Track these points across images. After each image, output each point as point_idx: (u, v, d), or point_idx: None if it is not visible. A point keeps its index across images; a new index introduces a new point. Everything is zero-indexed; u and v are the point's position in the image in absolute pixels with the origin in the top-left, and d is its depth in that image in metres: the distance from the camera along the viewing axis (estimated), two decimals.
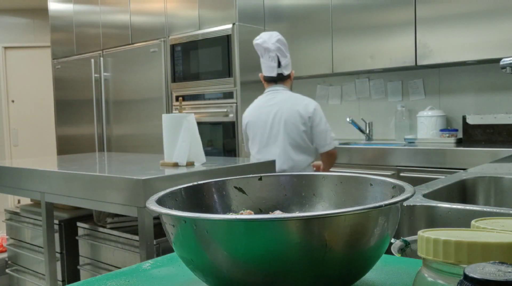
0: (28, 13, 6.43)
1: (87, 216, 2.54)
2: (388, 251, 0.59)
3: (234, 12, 3.59)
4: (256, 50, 2.58)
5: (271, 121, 2.49)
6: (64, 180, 2.14)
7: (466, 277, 0.30)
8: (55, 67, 5.19)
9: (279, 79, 2.55)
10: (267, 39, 2.51)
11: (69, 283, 2.28)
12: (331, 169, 2.70)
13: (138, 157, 2.90)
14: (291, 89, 2.66)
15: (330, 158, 2.57)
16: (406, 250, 0.61)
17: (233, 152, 3.62)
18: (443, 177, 1.53)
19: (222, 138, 3.72)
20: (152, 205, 0.55)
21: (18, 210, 2.86)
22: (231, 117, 3.60)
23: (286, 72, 2.55)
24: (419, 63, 3.07)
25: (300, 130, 2.44)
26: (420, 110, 3.32)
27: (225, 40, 3.62)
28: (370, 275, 0.60)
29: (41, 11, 6.12)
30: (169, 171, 2.02)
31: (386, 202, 0.50)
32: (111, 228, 2.28)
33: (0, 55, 6.33)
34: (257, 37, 2.57)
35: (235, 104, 3.59)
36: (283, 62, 2.52)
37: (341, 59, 3.45)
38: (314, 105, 2.48)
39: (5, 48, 6.38)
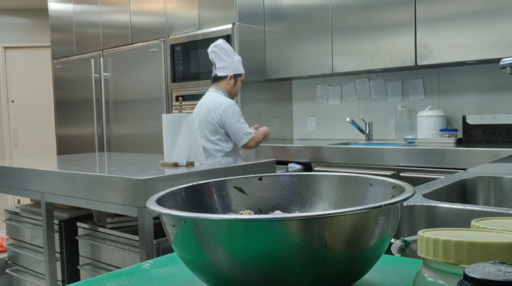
0: (28, 13, 6.43)
1: (87, 216, 2.54)
2: (388, 251, 0.59)
3: (234, 12, 3.59)
4: None
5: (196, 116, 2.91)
6: (64, 180, 2.14)
7: (466, 277, 0.30)
8: (55, 67, 5.19)
9: (215, 80, 2.95)
10: (210, 45, 2.93)
11: (69, 283, 2.28)
12: (331, 169, 2.73)
13: (138, 157, 2.90)
14: (229, 92, 2.95)
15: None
16: (406, 250, 0.61)
17: None
18: (443, 177, 1.53)
19: None
20: (152, 205, 0.55)
21: (18, 210, 2.86)
22: None
23: (219, 74, 2.91)
24: (419, 63, 3.07)
25: (210, 126, 2.83)
26: (420, 110, 3.32)
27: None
28: (370, 275, 0.60)
29: (41, 11, 6.12)
30: (169, 171, 2.02)
31: (386, 202, 0.50)
32: (111, 228, 2.28)
33: (0, 55, 6.33)
34: None
35: None
36: (217, 64, 2.90)
37: (341, 59, 3.45)
38: (225, 106, 2.82)
39: (5, 48, 6.38)
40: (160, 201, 0.58)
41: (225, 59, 2.90)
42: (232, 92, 2.98)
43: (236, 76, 2.94)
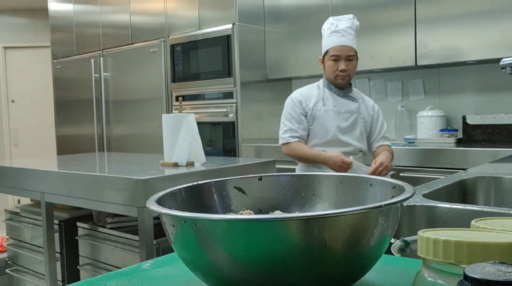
0: (28, 13, 6.43)
1: (87, 216, 2.54)
2: (388, 251, 0.59)
3: (234, 12, 3.59)
4: None
5: None
6: (64, 180, 2.14)
7: (466, 277, 0.30)
8: (55, 67, 5.19)
9: None
10: None
11: (69, 283, 2.28)
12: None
13: (138, 157, 2.90)
14: (326, 78, 2.47)
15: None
16: (406, 250, 0.61)
17: (233, 152, 3.62)
18: (443, 177, 1.53)
19: (222, 138, 3.72)
20: (152, 205, 0.55)
21: (18, 210, 2.86)
22: (231, 117, 3.60)
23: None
24: (419, 63, 3.07)
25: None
26: (420, 110, 3.32)
27: (225, 40, 3.62)
28: (370, 275, 0.60)
29: (41, 11, 6.12)
30: (169, 171, 2.02)
31: (386, 202, 0.50)
32: (111, 228, 2.28)
33: (0, 55, 6.33)
34: None
35: (235, 104, 3.59)
36: None
37: None
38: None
39: (5, 48, 6.38)
40: (160, 201, 0.58)
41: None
42: (326, 76, 2.43)
43: (324, 56, 2.40)
